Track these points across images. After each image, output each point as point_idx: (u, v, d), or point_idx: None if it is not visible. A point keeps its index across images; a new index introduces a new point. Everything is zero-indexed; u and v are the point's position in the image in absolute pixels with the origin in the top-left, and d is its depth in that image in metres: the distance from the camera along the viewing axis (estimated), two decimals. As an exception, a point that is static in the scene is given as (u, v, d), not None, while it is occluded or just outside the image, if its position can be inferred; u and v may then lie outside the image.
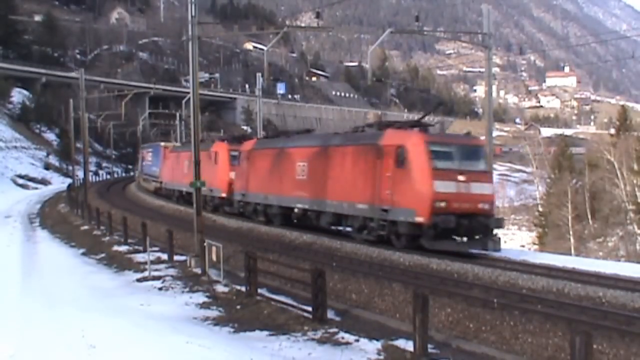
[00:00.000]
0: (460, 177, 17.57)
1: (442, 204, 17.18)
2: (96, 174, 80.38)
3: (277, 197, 24.88)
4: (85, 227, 28.67)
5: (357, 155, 20.29)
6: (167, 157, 41.67)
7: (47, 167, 77.48)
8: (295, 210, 23.64)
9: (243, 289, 13.38)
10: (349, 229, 21.25)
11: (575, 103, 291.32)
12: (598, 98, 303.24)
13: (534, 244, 56.36)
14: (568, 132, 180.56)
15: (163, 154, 43.91)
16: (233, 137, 34.66)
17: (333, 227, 22.62)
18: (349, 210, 20.39)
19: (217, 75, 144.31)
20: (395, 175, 18.28)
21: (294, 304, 11.94)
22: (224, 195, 30.22)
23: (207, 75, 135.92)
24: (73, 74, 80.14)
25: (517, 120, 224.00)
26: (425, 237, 17.60)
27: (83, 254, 21.73)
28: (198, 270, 16.12)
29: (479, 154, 18.84)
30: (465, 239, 17.61)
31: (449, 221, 17.00)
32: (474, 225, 17.41)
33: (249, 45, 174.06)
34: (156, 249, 19.40)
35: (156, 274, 16.20)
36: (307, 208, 22.97)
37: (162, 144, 48.53)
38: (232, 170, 29.48)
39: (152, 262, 17.01)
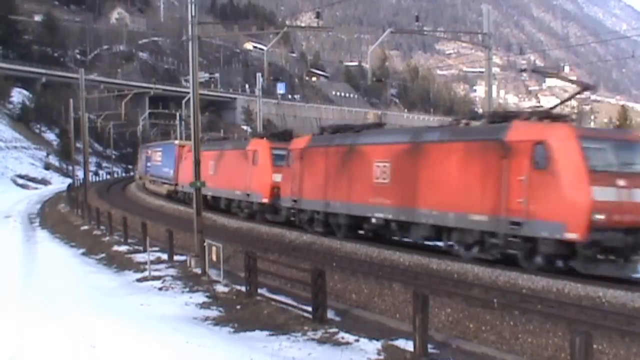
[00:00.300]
0: (621, 182, 14.07)
1: (602, 216, 13.63)
2: (96, 174, 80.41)
3: (344, 205, 20.82)
4: (85, 227, 28.67)
5: (468, 154, 16.44)
6: (185, 157, 36.75)
7: (47, 167, 77.53)
8: (373, 220, 19.59)
9: (243, 289, 13.38)
10: (452, 244, 17.14)
11: (575, 103, 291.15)
12: (598, 98, 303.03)
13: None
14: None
15: (178, 153, 39.95)
16: (273, 133, 30.73)
17: (428, 243, 18.67)
18: (458, 222, 16.48)
19: (217, 75, 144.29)
20: (532, 180, 14.57)
21: (294, 304, 11.94)
22: (265, 200, 26.00)
23: (207, 75, 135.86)
24: (73, 74, 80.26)
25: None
26: (579, 259, 14.06)
27: (83, 254, 21.74)
28: (198, 270, 16.12)
29: None
30: (620, 259, 14.10)
31: (615, 239, 13.61)
32: (639, 242, 13.98)
33: (249, 45, 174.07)
34: (156, 249, 19.39)
35: (156, 274, 16.20)
36: (389, 218, 18.84)
37: (177, 142, 43.73)
38: (276, 172, 25.39)
39: (152, 262, 17.01)
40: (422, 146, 17.97)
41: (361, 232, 21.19)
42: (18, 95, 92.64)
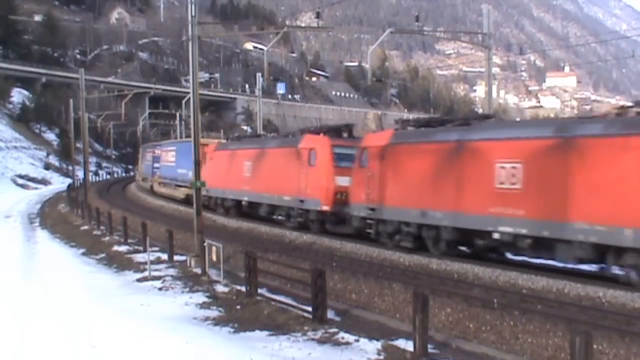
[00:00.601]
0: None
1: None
2: (96, 174, 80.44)
3: (449, 215, 16.73)
4: (85, 227, 28.66)
5: None
6: (211, 158, 32.38)
7: (47, 167, 77.56)
8: (495, 235, 15.57)
9: (243, 289, 13.38)
10: (621, 268, 13.38)
11: (575, 103, 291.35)
12: (598, 98, 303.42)
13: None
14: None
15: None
16: (330, 127, 25.69)
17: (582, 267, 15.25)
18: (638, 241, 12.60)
19: (217, 75, 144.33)
20: None
21: (294, 304, 11.94)
22: (325, 208, 21.86)
23: (207, 75, 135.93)
24: (73, 74, 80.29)
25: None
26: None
27: (83, 254, 21.73)
28: (198, 270, 16.12)
29: None
30: None
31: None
32: None
33: (249, 45, 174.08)
34: (156, 249, 19.39)
35: (156, 274, 16.20)
36: (523, 233, 14.85)
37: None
38: (339, 174, 21.51)
39: (152, 262, 17.01)
40: (577, 142, 13.97)
41: (465, 248, 17.39)
42: (18, 95, 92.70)
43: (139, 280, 15.86)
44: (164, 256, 18.54)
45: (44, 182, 71.39)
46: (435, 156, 17.42)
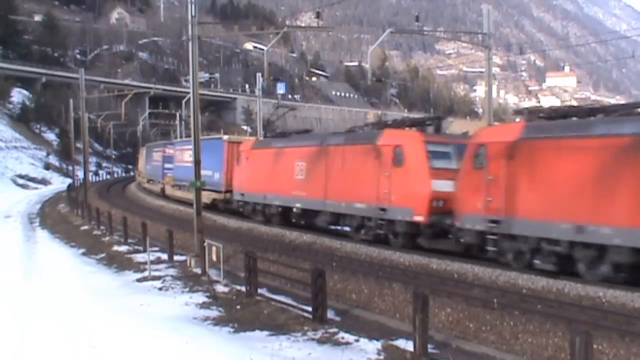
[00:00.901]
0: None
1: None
2: (96, 174, 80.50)
3: (627, 233, 12.72)
4: (85, 227, 28.66)
5: None
6: (247, 157, 28.15)
7: (47, 167, 77.61)
8: None
9: (243, 289, 13.38)
10: None
11: (575, 103, 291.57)
12: (598, 98, 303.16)
13: None
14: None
15: (229, 152, 31.13)
16: (413, 120, 22.02)
17: None
18: None
19: (217, 75, 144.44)
20: None
21: (294, 304, 11.94)
22: (419, 219, 17.80)
23: (207, 75, 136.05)
24: (73, 74, 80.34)
25: (517, 120, 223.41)
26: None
27: (83, 254, 21.73)
28: (198, 270, 16.13)
29: None
30: None
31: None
32: None
33: (249, 45, 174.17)
34: (156, 249, 19.40)
35: (156, 274, 16.20)
36: None
37: (226, 137, 33.53)
38: (437, 177, 17.67)
39: (152, 262, 17.01)
40: None
41: None
42: (18, 95, 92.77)
43: (139, 280, 15.86)
44: (164, 256, 18.55)
45: (44, 182, 71.44)
46: (600, 155, 13.47)
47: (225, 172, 31.10)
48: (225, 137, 33.56)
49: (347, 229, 21.54)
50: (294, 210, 24.04)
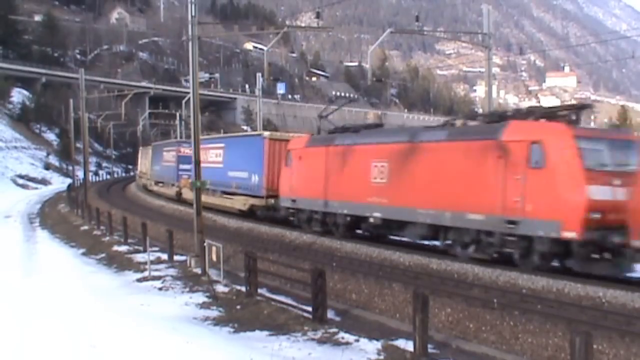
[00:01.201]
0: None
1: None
2: (96, 174, 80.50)
3: None
4: (85, 227, 28.66)
5: None
6: (300, 157, 23.88)
7: (47, 167, 77.61)
8: None
9: (243, 289, 13.38)
10: None
11: (575, 103, 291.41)
12: (598, 98, 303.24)
13: None
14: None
15: (270, 150, 27.10)
16: (547, 110, 16.99)
17: None
18: None
19: (217, 75, 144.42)
20: None
21: (294, 304, 11.94)
22: (570, 235, 13.76)
23: (207, 75, 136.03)
24: (73, 74, 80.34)
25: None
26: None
27: (83, 254, 21.73)
28: (198, 270, 16.13)
29: None
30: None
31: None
32: None
33: (249, 45, 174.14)
34: (156, 249, 19.40)
35: (156, 274, 16.21)
36: None
37: (267, 133, 29.01)
38: (594, 182, 13.75)
39: (152, 262, 17.01)
40: None
41: None
42: (18, 95, 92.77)
43: (139, 280, 15.86)
44: (164, 256, 18.55)
45: (44, 182, 71.44)
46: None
47: (266, 174, 26.80)
48: (266, 133, 29.14)
49: (449, 243, 17.22)
50: (371, 220, 19.87)
